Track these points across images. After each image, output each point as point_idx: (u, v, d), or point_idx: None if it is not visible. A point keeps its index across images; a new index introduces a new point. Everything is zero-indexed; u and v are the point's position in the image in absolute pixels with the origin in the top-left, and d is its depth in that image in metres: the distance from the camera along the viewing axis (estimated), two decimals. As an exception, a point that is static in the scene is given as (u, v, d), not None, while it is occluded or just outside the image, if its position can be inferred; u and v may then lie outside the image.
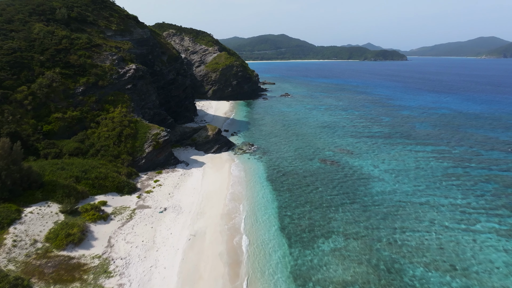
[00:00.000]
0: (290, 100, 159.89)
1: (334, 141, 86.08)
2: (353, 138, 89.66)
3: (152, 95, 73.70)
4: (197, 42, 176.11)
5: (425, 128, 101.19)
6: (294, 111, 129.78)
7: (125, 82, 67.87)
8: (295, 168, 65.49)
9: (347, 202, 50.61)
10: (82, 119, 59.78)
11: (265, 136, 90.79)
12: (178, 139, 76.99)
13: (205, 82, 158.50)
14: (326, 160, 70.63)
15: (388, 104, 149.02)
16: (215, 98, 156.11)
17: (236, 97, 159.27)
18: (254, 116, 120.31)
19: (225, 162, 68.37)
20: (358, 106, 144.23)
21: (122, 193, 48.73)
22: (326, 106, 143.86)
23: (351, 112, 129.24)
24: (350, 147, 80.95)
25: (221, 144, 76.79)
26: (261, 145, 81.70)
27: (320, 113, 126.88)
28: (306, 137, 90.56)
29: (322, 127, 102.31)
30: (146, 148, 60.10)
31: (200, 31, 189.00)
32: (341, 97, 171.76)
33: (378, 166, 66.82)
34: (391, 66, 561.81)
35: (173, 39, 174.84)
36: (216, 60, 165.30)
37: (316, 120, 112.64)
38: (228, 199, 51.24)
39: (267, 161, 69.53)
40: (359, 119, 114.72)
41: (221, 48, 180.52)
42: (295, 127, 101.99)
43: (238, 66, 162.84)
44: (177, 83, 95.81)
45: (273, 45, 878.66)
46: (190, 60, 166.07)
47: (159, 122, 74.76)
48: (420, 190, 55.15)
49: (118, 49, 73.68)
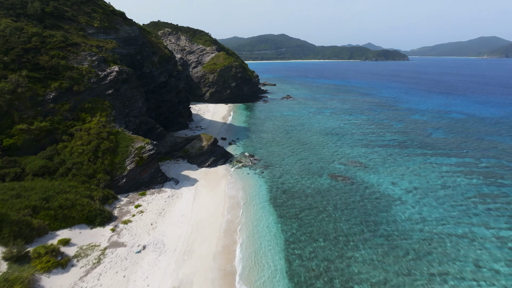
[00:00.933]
0: (292, 103, 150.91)
1: (344, 151, 77.11)
2: (364, 147, 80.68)
3: (138, 101, 64.73)
4: (194, 42, 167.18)
5: (441, 136, 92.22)
6: (297, 115, 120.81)
7: (106, 86, 58.89)
8: (302, 187, 56.51)
9: (368, 234, 41.65)
10: (52, 130, 50.79)
11: (266, 145, 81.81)
12: (168, 151, 68.04)
13: (202, 84, 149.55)
14: (337, 175, 61.66)
15: (396, 107, 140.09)
16: (213, 101, 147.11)
17: (235, 100, 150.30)
18: (254, 121, 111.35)
19: (221, 179, 59.38)
20: (364, 109, 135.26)
21: (93, 225, 39.76)
22: (331, 109, 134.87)
23: (358, 116, 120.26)
24: (363, 158, 71.98)
25: (217, 156, 67.82)
26: (262, 156, 72.75)
27: (325, 117, 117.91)
28: (312, 146, 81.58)
29: (328, 134, 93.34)
30: (128, 164, 51.13)
31: (198, 30, 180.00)
32: (345, 100, 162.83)
33: (398, 184, 57.85)
34: (393, 66, 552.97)
35: (169, 38, 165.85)
36: (214, 60, 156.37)
37: (322, 126, 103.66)
38: (223, 229, 42.28)
39: (270, 177, 60.57)
40: (368, 125, 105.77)
41: (219, 48, 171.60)
42: (299, 134, 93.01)
43: (237, 67, 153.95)
44: (169, 86, 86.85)
45: (273, 45, 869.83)
46: (187, 61, 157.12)
47: (147, 132, 65.81)
48: (452, 217, 46.18)
49: (99, 49, 64.70)
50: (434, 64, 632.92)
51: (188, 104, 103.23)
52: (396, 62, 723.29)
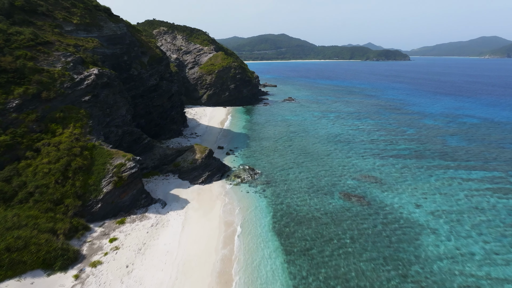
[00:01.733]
0: (295, 106, 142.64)
1: (354, 163, 68.89)
2: (376, 158, 72.47)
3: (122, 108, 56.45)
4: (191, 41, 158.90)
5: (460, 144, 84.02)
6: (300, 120, 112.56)
7: (82, 92, 50.64)
8: (310, 209, 48.29)
9: (395, 278, 33.44)
10: (13, 146, 42.53)
11: (268, 155, 73.57)
12: (157, 164, 59.78)
13: (199, 85, 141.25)
14: (350, 194, 53.45)
15: (405, 111, 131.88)
16: (211, 103, 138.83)
17: (234, 103, 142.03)
18: (255, 126, 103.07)
19: (216, 199, 51.14)
20: (371, 113, 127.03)
21: (51, 270, 31.54)
22: (336, 113, 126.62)
23: (365, 121, 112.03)
24: (376, 172, 63.74)
25: (212, 171, 59.56)
26: (264, 169, 64.53)
27: (330, 122, 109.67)
28: (318, 156, 73.35)
29: (335, 142, 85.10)
30: (104, 186, 42.90)
31: (195, 29, 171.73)
32: (350, 102, 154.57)
33: (423, 206, 49.63)
34: (395, 66, 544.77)
35: (164, 38, 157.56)
36: (212, 61, 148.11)
37: (327, 132, 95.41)
38: (217, 272, 34.08)
39: (272, 197, 52.35)
40: (378, 131, 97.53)
41: (217, 47, 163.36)
42: (303, 142, 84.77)
43: (237, 68, 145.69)
44: (160, 89, 78.57)
45: (273, 45, 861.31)
46: (183, 61, 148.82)
47: (131, 144, 57.56)
48: (498, 253, 37.97)
49: (77, 48, 56.43)
50: (436, 64, 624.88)
51: (183, 109, 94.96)
52: (397, 62, 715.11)
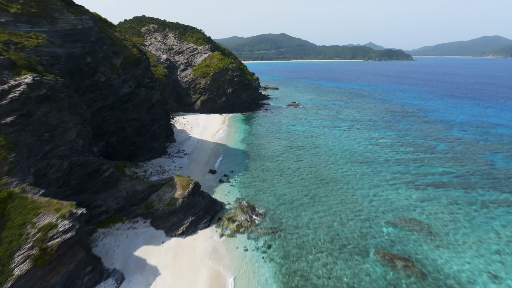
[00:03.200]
0: (300, 113, 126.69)
1: (384, 197, 53.00)
2: (410, 188, 56.56)
3: (71, 130, 40.47)
4: (184, 40, 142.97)
5: (510, 165, 68.13)
6: (308, 131, 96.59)
7: (4, 110, 34.72)
8: (340, 285, 32.36)
9: None
10: None
11: (272, 184, 57.67)
12: (122, 206, 43.81)
13: (192, 90, 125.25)
14: (391, 254, 37.52)
15: (424, 118, 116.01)
16: (205, 110, 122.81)
17: (231, 109, 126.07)
18: (255, 140, 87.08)
19: (200, 266, 35.22)
20: (388, 121, 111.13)
21: None
22: (348, 121, 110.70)
23: (384, 132, 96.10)
24: (417, 212, 47.84)
25: (197, 214, 43.67)
26: (267, 207, 48.69)
27: (343, 134, 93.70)
28: (336, 184, 57.42)
29: (354, 163, 69.19)
30: (18, 265, 26.98)
31: (188, 27, 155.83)
32: (361, 108, 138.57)
33: (500, 277, 33.74)
34: (399, 66, 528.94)
35: (154, 36, 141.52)
36: (207, 62, 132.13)
37: (342, 148, 79.46)
38: None
39: (281, 261, 36.47)
40: (402, 146, 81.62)
41: (213, 47, 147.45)
42: (314, 162, 68.86)
43: (235, 70, 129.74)
44: (137, 99, 62.54)
45: (273, 45, 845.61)
46: (174, 62, 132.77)
47: (85, 179, 41.51)
48: None
49: (7, 46, 40.51)
50: (440, 64, 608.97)
51: (168, 121, 78.98)
52: (400, 62, 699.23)
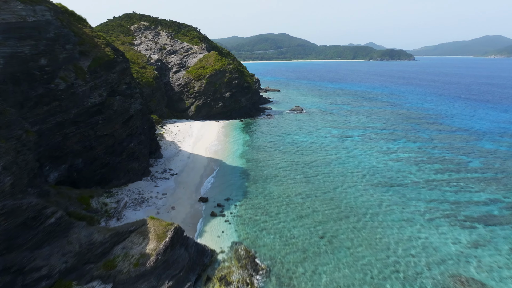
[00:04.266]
0: (305, 119, 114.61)
1: (424, 239, 40.85)
2: (454, 224, 44.43)
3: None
4: (177, 39, 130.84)
5: None
6: (316, 143, 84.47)
7: None
8: None
9: None
10: None
11: (277, 218, 45.54)
12: (73, 265, 31.59)
13: (186, 94, 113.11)
14: None
15: (445, 126, 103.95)
16: (200, 117, 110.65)
17: (229, 115, 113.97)
18: (255, 155, 74.95)
19: None
20: (405, 130, 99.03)
21: None
22: (360, 130, 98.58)
23: (403, 143, 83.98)
24: (476, 267, 35.67)
25: (177, 277, 31.54)
26: (273, 261, 36.59)
27: (358, 146, 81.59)
28: (358, 219, 45.27)
29: (375, 186, 57.07)
30: None
31: (183, 24, 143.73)
32: (372, 113, 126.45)
33: None
34: (402, 67, 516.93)
35: (145, 35, 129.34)
36: (203, 63, 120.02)
37: (359, 166, 67.34)
38: None
39: None
40: (428, 162, 69.52)
41: (210, 46, 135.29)
42: (327, 186, 56.72)
43: (233, 71, 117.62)
44: (109, 110, 50.38)
45: (273, 45, 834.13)
46: (166, 63, 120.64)
47: (16, 233, 29.15)
48: None
49: None
50: (444, 64, 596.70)
51: (153, 134, 66.84)
52: (403, 62, 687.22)
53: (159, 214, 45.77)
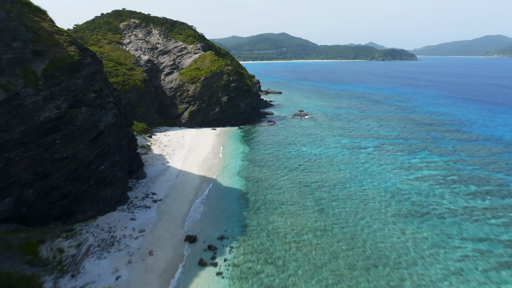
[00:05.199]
0: (310, 126, 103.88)
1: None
2: (519, 279, 33.76)
3: None
4: (171, 38, 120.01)
5: None
6: (325, 156, 73.73)
7: None
8: None
9: None
10: None
11: (288, 275, 34.78)
12: None
13: (179, 98, 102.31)
14: None
15: (467, 135, 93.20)
16: (194, 124, 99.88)
17: (226, 121, 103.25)
18: (256, 173, 64.13)
19: None
20: (424, 139, 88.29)
21: None
22: (373, 140, 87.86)
23: (425, 157, 73.27)
24: None
25: None
26: None
27: (374, 161, 70.83)
28: (395, 274, 34.51)
29: (404, 217, 46.33)
30: None
31: (177, 22, 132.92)
32: (382, 118, 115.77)
33: None
34: (405, 67, 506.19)
35: (135, 33, 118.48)
36: (198, 64, 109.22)
37: (379, 187, 56.55)
38: None
39: None
40: (460, 182, 58.79)
41: (206, 46, 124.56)
42: (347, 219, 45.95)
43: (231, 73, 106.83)
44: (71, 126, 39.70)
45: (273, 45, 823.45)
46: (158, 64, 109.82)
47: None
48: None
49: None
50: (448, 65, 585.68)
51: (133, 150, 55.96)
52: (405, 62, 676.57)
53: (131, 264, 35.05)
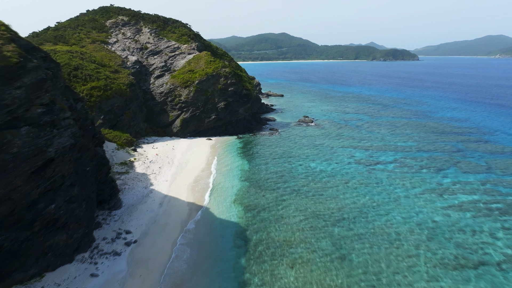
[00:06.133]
0: (318, 135, 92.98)
1: None
2: None
3: None
4: (163, 37, 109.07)
5: None
6: (339, 176, 62.76)
7: None
8: None
9: None
10: None
11: None
12: None
13: (170, 104, 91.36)
14: None
15: (495, 146, 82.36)
16: (187, 133, 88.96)
17: (224, 130, 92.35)
18: (257, 198, 53.11)
19: None
20: (449, 152, 77.42)
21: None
22: (390, 153, 76.92)
23: (457, 176, 62.32)
24: None
25: None
26: None
27: (397, 181, 59.86)
28: None
29: (451, 269, 35.42)
30: None
31: (170, 20, 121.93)
32: (396, 125, 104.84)
33: None
34: (408, 67, 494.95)
35: (122, 31, 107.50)
36: (192, 65, 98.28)
37: (410, 222, 45.59)
38: None
39: None
40: (508, 213, 47.94)
41: (202, 45, 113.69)
42: (374, 270, 35.10)
43: (229, 76, 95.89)
44: (3, 155, 28.95)
45: (273, 45, 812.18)
46: (147, 66, 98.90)
47: None
48: None
49: None
50: (452, 65, 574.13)
51: (104, 175, 45.01)
52: (408, 63, 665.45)
53: None
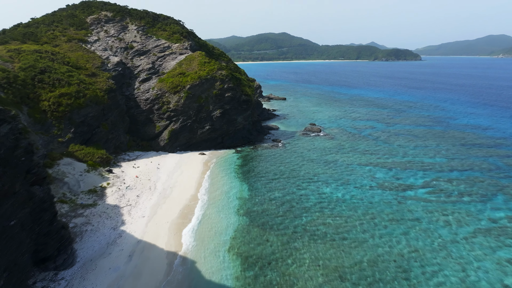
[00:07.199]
0: (329, 148, 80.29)
1: None
2: None
3: None
4: (151, 35, 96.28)
5: None
6: (360, 208, 50.02)
7: None
8: None
9: None
10: None
11: None
12: None
13: (157, 113, 78.58)
14: None
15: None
16: (176, 147, 76.18)
17: (219, 142, 79.64)
18: (258, 244, 40.46)
19: None
20: (489, 172, 64.89)
21: None
22: (418, 172, 64.26)
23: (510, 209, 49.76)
24: None
25: None
26: None
27: (437, 215, 47.18)
28: None
29: None
30: None
31: (161, 16, 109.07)
32: (418, 136, 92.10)
33: None
34: (413, 67, 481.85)
35: (105, 29, 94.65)
36: (183, 67, 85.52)
37: (470, 286, 33.08)
38: None
39: None
40: None
41: (195, 45, 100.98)
42: None
43: (225, 79, 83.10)
44: None
45: (274, 44, 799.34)
46: (132, 68, 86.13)
47: None
48: None
49: None
50: (457, 65, 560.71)
51: (46, 226, 32.49)
52: (411, 63, 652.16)
53: None
